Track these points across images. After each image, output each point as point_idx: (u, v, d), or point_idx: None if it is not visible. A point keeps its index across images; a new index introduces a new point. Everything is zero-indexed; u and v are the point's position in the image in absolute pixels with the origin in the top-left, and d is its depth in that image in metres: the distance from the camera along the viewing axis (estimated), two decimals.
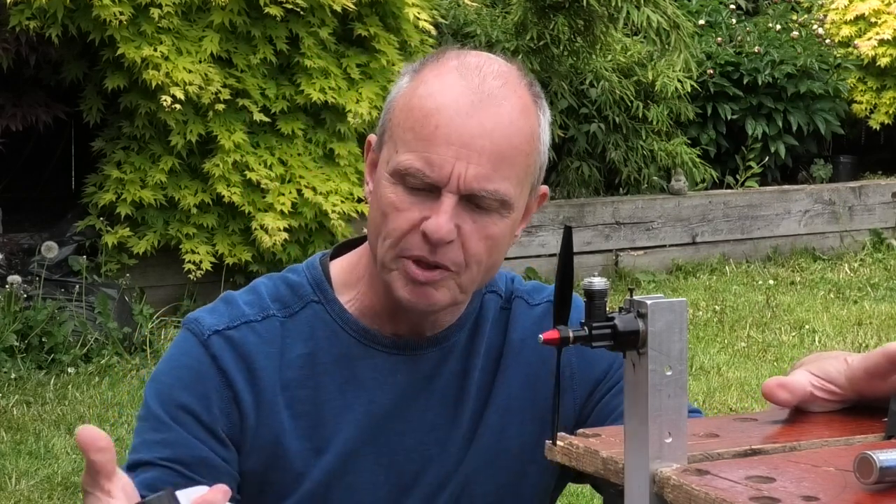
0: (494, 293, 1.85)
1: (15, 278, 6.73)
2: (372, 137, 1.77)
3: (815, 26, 10.68)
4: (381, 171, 1.71)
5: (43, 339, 6.53)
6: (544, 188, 1.81)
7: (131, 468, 1.70)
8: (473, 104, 1.66)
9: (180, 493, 1.42)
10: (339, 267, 1.83)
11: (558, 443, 1.27)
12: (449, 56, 1.73)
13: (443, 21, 8.37)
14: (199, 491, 1.45)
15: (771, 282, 8.66)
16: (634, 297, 1.19)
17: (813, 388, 1.36)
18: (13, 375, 6.26)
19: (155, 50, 6.82)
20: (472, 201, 1.67)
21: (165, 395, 1.73)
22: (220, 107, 6.96)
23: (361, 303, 1.79)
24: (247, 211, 7.07)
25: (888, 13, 10.36)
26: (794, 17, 10.87)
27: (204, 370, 1.73)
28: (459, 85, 1.68)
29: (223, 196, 7.02)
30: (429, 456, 1.78)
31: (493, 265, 1.74)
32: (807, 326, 7.50)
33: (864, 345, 7.10)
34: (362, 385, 1.77)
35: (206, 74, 6.90)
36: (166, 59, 6.83)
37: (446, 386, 1.80)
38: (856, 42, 10.44)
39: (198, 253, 7.06)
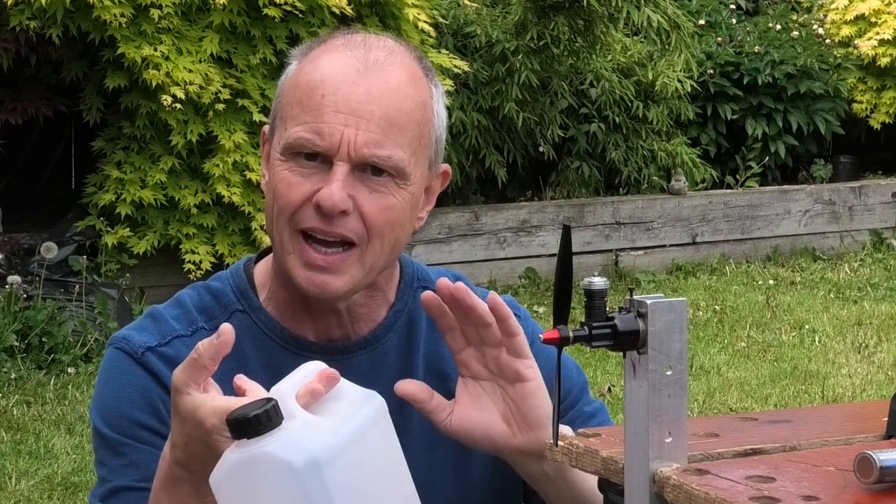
0: (429, 289, 1.73)
1: (15, 278, 6.73)
2: (266, 128, 1.75)
3: (815, 26, 10.67)
4: (273, 155, 1.69)
5: (43, 339, 6.53)
6: (445, 166, 1.77)
7: (107, 496, 1.68)
8: (359, 72, 1.66)
9: (284, 381, 1.42)
10: (259, 269, 1.79)
11: (559, 443, 1.27)
12: (336, 36, 1.73)
13: (443, 21, 8.36)
14: (305, 377, 1.44)
15: (771, 282, 8.66)
16: (634, 297, 1.19)
17: None
18: (13, 375, 6.26)
19: (155, 50, 6.81)
20: (366, 171, 1.65)
21: (116, 417, 1.70)
22: (221, 107, 6.96)
23: (276, 298, 1.75)
24: (247, 211, 7.07)
25: (888, 13, 10.35)
26: (794, 17, 10.86)
27: (146, 384, 1.70)
28: (345, 56, 1.68)
29: (223, 196, 7.02)
30: None
31: (397, 243, 1.69)
32: (807, 326, 7.50)
33: (864, 345, 7.10)
34: None
35: (206, 74, 6.90)
36: (166, 58, 6.82)
37: (387, 391, 1.71)
38: (856, 42, 10.42)
39: (198, 253, 7.06)
